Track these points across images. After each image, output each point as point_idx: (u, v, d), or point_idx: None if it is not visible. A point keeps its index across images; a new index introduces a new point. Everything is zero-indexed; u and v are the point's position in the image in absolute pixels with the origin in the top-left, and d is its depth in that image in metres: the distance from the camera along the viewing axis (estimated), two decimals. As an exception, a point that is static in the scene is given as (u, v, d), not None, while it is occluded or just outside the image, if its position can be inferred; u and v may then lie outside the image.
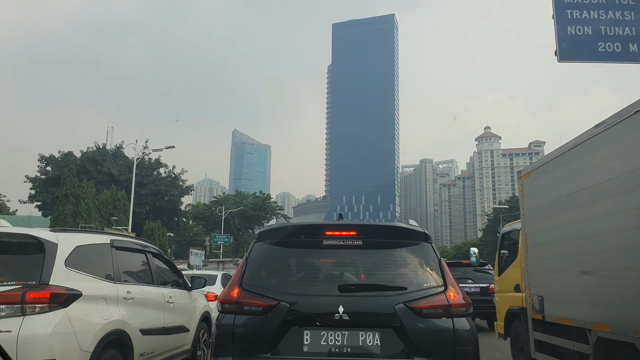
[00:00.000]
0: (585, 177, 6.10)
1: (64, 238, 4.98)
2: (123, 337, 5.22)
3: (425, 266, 4.25)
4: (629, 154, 5.18)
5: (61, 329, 4.35)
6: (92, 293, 4.89)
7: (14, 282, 4.36)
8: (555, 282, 6.98)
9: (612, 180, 5.50)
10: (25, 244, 4.80)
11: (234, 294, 4.12)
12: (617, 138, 5.50)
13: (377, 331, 3.87)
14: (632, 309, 5.03)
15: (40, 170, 58.99)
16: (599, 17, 11.51)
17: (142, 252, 6.59)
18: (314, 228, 4.55)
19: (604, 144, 5.77)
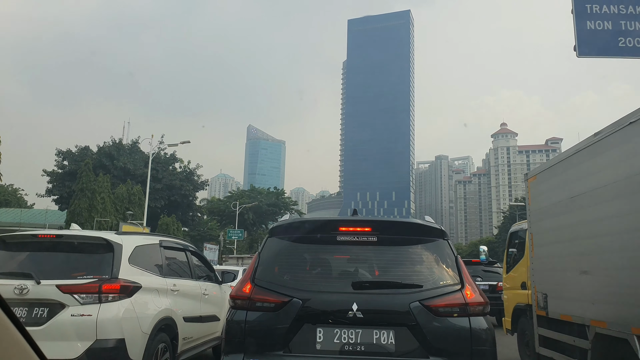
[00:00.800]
0: (585, 182, 6.49)
1: (127, 240, 6.01)
2: (171, 323, 6.15)
3: (441, 263, 4.15)
4: (624, 162, 5.54)
5: (128, 314, 5.32)
6: (149, 285, 5.85)
7: (91, 276, 5.37)
8: (558, 280, 7.32)
9: (609, 185, 5.86)
10: (97, 245, 5.79)
11: (246, 290, 4.05)
12: (613, 147, 5.86)
13: (392, 329, 3.79)
14: (626, 307, 5.37)
15: (58, 165, 59.54)
16: (619, 11, 11.36)
17: (182, 250, 7.55)
18: (328, 223, 4.46)
19: (601, 152, 6.14)
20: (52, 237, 5.96)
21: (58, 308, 5.16)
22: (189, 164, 67.34)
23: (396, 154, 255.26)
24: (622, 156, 5.64)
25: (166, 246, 6.94)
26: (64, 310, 5.15)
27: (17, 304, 5.15)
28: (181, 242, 7.89)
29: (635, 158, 5.35)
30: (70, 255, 5.84)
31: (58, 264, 5.71)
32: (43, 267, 5.54)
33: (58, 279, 5.28)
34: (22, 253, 5.94)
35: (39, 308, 5.16)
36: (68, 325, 5.08)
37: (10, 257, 5.85)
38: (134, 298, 5.49)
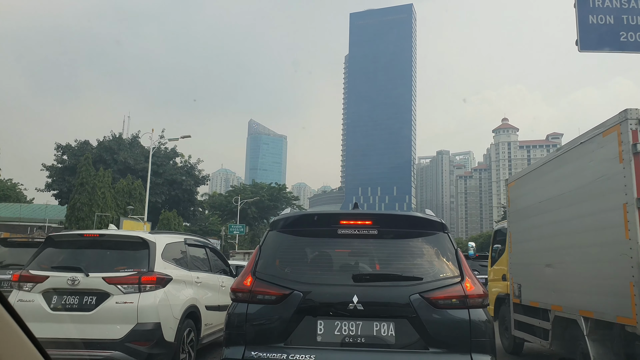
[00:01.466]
0: (550, 189, 7.78)
1: (159, 238, 6.93)
2: (195, 310, 7.08)
3: (441, 256, 4.17)
4: (578, 174, 6.83)
5: (162, 302, 6.23)
6: (178, 277, 6.76)
7: (131, 269, 6.29)
8: (529, 272, 8.66)
9: (566, 193, 7.14)
10: (135, 243, 6.73)
11: (247, 283, 4.07)
12: (570, 161, 7.15)
13: (392, 321, 3.82)
14: (575, 294, 6.70)
15: (57, 159, 59.56)
16: (622, 5, 11.28)
17: (203, 247, 8.46)
18: (329, 217, 4.45)
19: (561, 165, 7.46)
20: (95, 236, 7.07)
21: (104, 296, 6.05)
22: (189, 158, 67.37)
23: (397, 149, 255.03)
24: (576, 169, 6.90)
25: (190, 243, 7.93)
26: (110, 298, 6.05)
27: (70, 293, 6.09)
28: (201, 239, 8.80)
29: (585, 171, 6.59)
30: (112, 252, 6.78)
31: (102, 259, 6.61)
32: (90, 261, 6.42)
33: (103, 272, 6.20)
34: (71, 250, 6.82)
35: (88, 296, 6.06)
36: (113, 311, 5.98)
37: (60, 253, 6.74)
38: (166, 288, 6.40)
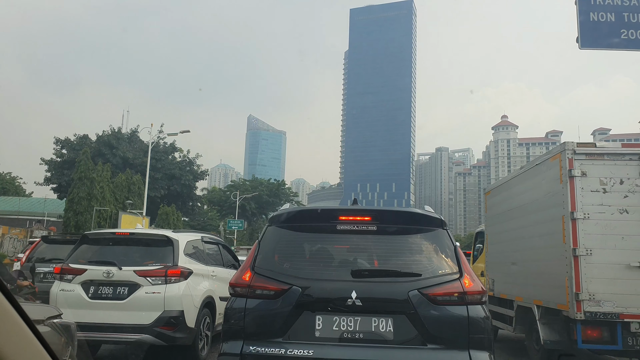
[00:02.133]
0: (514, 200, 9.65)
1: (181, 236, 7.79)
2: (211, 301, 7.85)
3: (440, 253, 4.18)
4: (534, 189, 8.67)
5: (185, 292, 7.05)
6: (197, 271, 7.55)
7: (158, 264, 7.13)
8: (500, 269, 10.37)
9: (525, 204, 8.99)
10: (160, 240, 7.57)
11: (245, 278, 4.07)
12: (528, 178, 9.03)
13: (391, 317, 3.82)
14: (531, 287, 8.46)
15: (56, 153, 59.49)
16: (622, 3, 11.27)
17: (216, 244, 9.37)
18: (328, 212, 4.49)
19: (523, 181, 9.34)
20: (126, 235, 7.95)
21: (135, 287, 6.89)
22: (188, 153, 67.30)
23: (397, 146, 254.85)
24: (533, 185, 8.71)
25: (206, 241, 8.85)
26: (140, 289, 6.88)
27: (105, 284, 6.94)
28: (215, 237, 9.78)
29: (539, 188, 8.39)
30: (141, 248, 7.63)
31: (132, 254, 7.44)
32: (122, 256, 7.23)
33: (134, 266, 7.04)
34: (104, 246, 7.69)
35: (121, 287, 6.91)
36: (143, 300, 6.81)
37: (95, 249, 7.58)
38: (188, 280, 7.19)
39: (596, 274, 7.03)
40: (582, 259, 7.06)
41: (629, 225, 7.11)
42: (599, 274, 7.03)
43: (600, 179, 7.33)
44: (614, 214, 7.19)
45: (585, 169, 7.34)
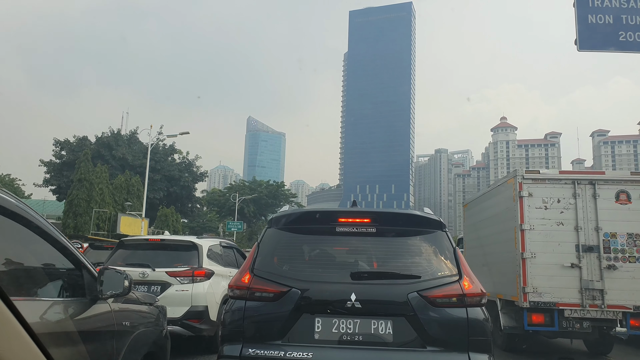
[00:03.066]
0: (483, 213, 11.87)
1: (204, 242, 8.90)
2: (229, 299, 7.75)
3: (439, 255, 4.17)
4: (496, 205, 10.85)
5: (209, 290, 8.08)
6: (218, 272, 8.50)
7: (186, 265, 8.19)
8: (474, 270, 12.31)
9: (490, 217, 11.10)
10: (187, 246, 8.64)
11: (245, 280, 4.07)
12: (493, 196, 11.29)
13: (390, 320, 3.82)
14: (495, 284, 10.01)
15: (55, 155, 59.30)
16: (621, 5, 11.27)
17: (231, 248, 10.29)
18: (327, 214, 4.48)
19: (489, 198, 11.63)
20: (157, 241, 9.10)
21: (167, 286, 7.88)
22: (187, 154, 67.21)
23: (396, 147, 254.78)
24: (497, 202, 10.80)
25: (224, 245, 9.80)
26: (170, 287, 7.88)
27: (141, 283, 7.79)
28: (230, 242, 10.83)
29: (500, 204, 10.47)
30: (171, 252, 8.66)
31: (163, 257, 8.43)
32: (154, 259, 8.23)
33: (166, 267, 8.03)
34: (139, 251, 8.75)
35: (154, 286, 7.88)
36: (173, 296, 7.71)
37: (130, 253, 8.61)
38: (211, 280, 8.21)
39: (539, 272, 9.03)
40: (528, 261, 9.06)
41: (564, 234, 9.18)
42: (540, 272, 9.03)
43: (543, 198, 9.38)
44: (552, 226, 9.23)
45: (532, 190, 9.39)
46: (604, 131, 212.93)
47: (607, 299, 8.80)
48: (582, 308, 8.84)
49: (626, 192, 9.27)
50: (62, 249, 2.98)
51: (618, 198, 9.28)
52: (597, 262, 9.03)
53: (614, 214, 9.20)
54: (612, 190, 9.32)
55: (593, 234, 9.15)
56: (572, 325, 8.90)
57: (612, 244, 9.11)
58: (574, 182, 9.39)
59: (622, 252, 9.07)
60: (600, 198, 9.26)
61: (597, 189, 9.32)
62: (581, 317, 8.88)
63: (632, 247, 9.05)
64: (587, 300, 8.86)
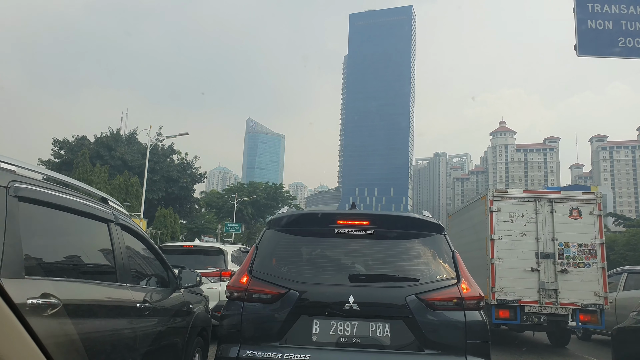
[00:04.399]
0: (463, 224, 13.55)
1: (228, 247, 10.38)
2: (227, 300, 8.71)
3: (438, 258, 4.17)
4: (472, 218, 12.71)
5: None
6: None
7: (215, 268, 9.63)
8: None
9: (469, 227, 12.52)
10: (215, 251, 10.30)
11: (243, 281, 4.07)
12: (471, 209, 13.11)
13: (388, 322, 3.82)
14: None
15: (54, 154, 59.42)
16: (620, 11, 11.30)
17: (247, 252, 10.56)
18: (326, 217, 4.41)
19: (467, 211, 13.70)
20: (190, 247, 10.61)
21: None
22: (186, 155, 67.20)
23: (395, 150, 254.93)
24: (474, 214, 12.57)
25: (243, 250, 11.10)
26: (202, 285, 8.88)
27: None
28: (247, 248, 11.61)
29: (476, 217, 12.28)
30: (202, 256, 10.13)
31: (196, 260, 9.69)
32: (188, 262, 9.05)
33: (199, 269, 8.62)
34: (174, 255, 9.54)
35: None
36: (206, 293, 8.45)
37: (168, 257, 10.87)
38: None
39: (505, 275, 10.79)
40: (496, 265, 10.86)
41: (526, 243, 11.03)
42: (506, 275, 10.80)
43: (509, 213, 11.25)
44: (517, 236, 11.10)
45: (500, 206, 11.30)
46: (602, 136, 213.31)
47: (560, 298, 10.62)
48: (540, 305, 10.65)
49: (578, 209, 11.18)
50: (158, 257, 4.84)
51: (571, 214, 11.17)
52: (552, 266, 10.88)
53: (567, 227, 11.06)
54: (567, 207, 11.17)
55: (550, 244, 11.01)
56: (532, 319, 10.67)
57: (565, 252, 10.97)
58: (536, 200, 11.29)
59: (573, 258, 10.95)
60: (557, 213, 11.14)
61: (554, 205, 11.20)
62: (539, 313, 10.66)
63: (582, 255, 10.91)
64: (544, 298, 10.71)
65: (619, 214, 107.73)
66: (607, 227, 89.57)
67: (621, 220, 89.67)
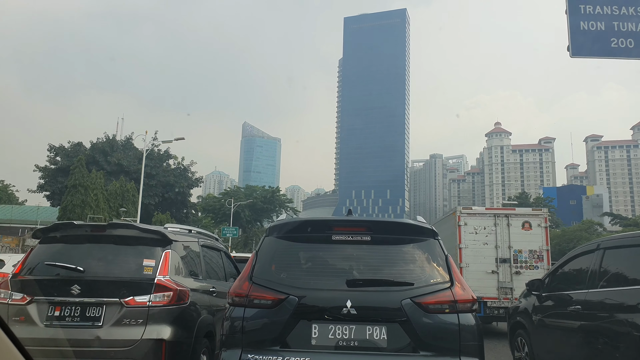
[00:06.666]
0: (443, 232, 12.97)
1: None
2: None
3: (432, 262, 4.29)
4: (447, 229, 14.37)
5: None
6: None
7: None
8: None
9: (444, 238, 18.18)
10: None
11: (244, 288, 4.19)
12: (446, 222, 15.25)
13: (384, 325, 3.93)
14: None
15: (50, 160, 59.18)
16: (612, 12, 11.37)
17: None
18: (324, 223, 4.56)
19: (446, 222, 15.29)
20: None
21: None
22: (182, 160, 67.14)
23: (391, 152, 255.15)
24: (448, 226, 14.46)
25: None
26: None
27: None
28: None
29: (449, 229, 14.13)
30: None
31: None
32: None
33: None
34: None
35: None
36: None
37: None
38: None
39: (471, 277, 12.61)
40: (464, 269, 12.96)
41: (487, 250, 13.39)
42: (472, 277, 12.66)
43: (474, 226, 13.59)
44: (480, 245, 13.44)
45: (467, 221, 13.64)
46: (597, 136, 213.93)
47: (515, 294, 12.58)
48: (499, 300, 12.98)
49: (529, 222, 13.62)
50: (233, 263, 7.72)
51: (523, 226, 13.60)
52: (509, 269, 13.28)
53: (520, 237, 13.47)
54: (520, 221, 13.63)
55: (507, 251, 13.42)
56: (493, 312, 13.05)
57: (519, 257, 13.38)
58: (495, 215, 13.76)
59: (525, 262, 13.34)
60: (512, 226, 13.57)
61: (510, 220, 13.63)
62: (498, 306, 12.97)
63: (532, 259, 13.32)
64: (502, 295, 13.04)
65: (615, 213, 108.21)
66: (604, 226, 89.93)
67: (617, 219, 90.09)
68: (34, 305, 5.13)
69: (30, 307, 5.12)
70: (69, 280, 5.17)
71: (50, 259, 5.42)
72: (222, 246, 8.18)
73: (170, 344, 5.12)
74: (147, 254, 5.46)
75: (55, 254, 5.51)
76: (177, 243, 5.87)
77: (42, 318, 5.06)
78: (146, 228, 5.71)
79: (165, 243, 5.63)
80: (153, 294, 5.16)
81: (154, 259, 5.43)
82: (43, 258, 5.51)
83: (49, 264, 5.36)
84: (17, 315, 5.11)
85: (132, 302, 5.08)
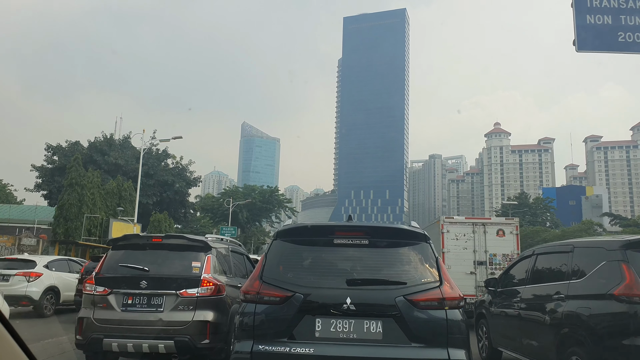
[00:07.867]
0: None
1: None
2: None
3: (424, 263, 4.80)
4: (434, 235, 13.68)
5: None
6: None
7: None
8: None
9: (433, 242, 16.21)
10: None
11: (255, 286, 4.72)
12: (432, 229, 16.46)
13: (380, 320, 4.45)
14: None
15: (47, 160, 58.95)
16: (619, 5, 11.12)
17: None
18: (326, 228, 5.15)
19: (430, 230, 16.11)
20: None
21: None
22: (181, 159, 66.76)
23: (390, 153, 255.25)
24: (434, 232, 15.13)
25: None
26: None
27: None
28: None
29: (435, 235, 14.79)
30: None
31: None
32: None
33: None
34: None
35: None
36: None
37: None
38: None
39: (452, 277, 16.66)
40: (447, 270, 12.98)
41: (467, 254, 15.29)
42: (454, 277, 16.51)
43: (455, 233, 15.46)
44: (460, 250, 15.29)
45: (449, 229, 15.53)
46: (596, 137, 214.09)
47: None
48: (476, 297, 13.98)
49: (502, 230, 15.68)
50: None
51: (498, 233, 15.59)
52: (485, 270, 15.06)
53: (495, 243, 15.42)
54: (495, 229, 15.65)
55: (483, 255, 15.31)
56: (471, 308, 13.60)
57: (494, 260, 15.27)
58: (473, 224, 15.72)
59: (499, 265, 14.97)
60: (488, 233, 15.50)
61: (486, 227, 15.58)
62: None
63: (505, 262, 14.89)
64: (479, 293, 14.33)
65: (614, 213, 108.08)
66: (603, 227, 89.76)
67: (617, 220, 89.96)
68: (112, 295, 6.85)
69: (110, 297, 6.84)
70: (138, 277, 6.86)
71: (122, 262, 7.16)
72: (244, 250, 9.87)
73: (212, 325, 6.83)
74: (194, 258, 7.20)
75: (125, 258, 7.23)
76: (215, 249, 7.58)
77: (119, 305, 6.80)
78: (193, 238, 7.57)
79: (207, 249, 7.37)
80: (200, 287, 6.87)
81: (199, 261, 7.18)
82: (116, 261, 7.25)
83: (122, 265, 7.10)
84: (101, 303, 6.83)
85: (185, 294, 6.78)
